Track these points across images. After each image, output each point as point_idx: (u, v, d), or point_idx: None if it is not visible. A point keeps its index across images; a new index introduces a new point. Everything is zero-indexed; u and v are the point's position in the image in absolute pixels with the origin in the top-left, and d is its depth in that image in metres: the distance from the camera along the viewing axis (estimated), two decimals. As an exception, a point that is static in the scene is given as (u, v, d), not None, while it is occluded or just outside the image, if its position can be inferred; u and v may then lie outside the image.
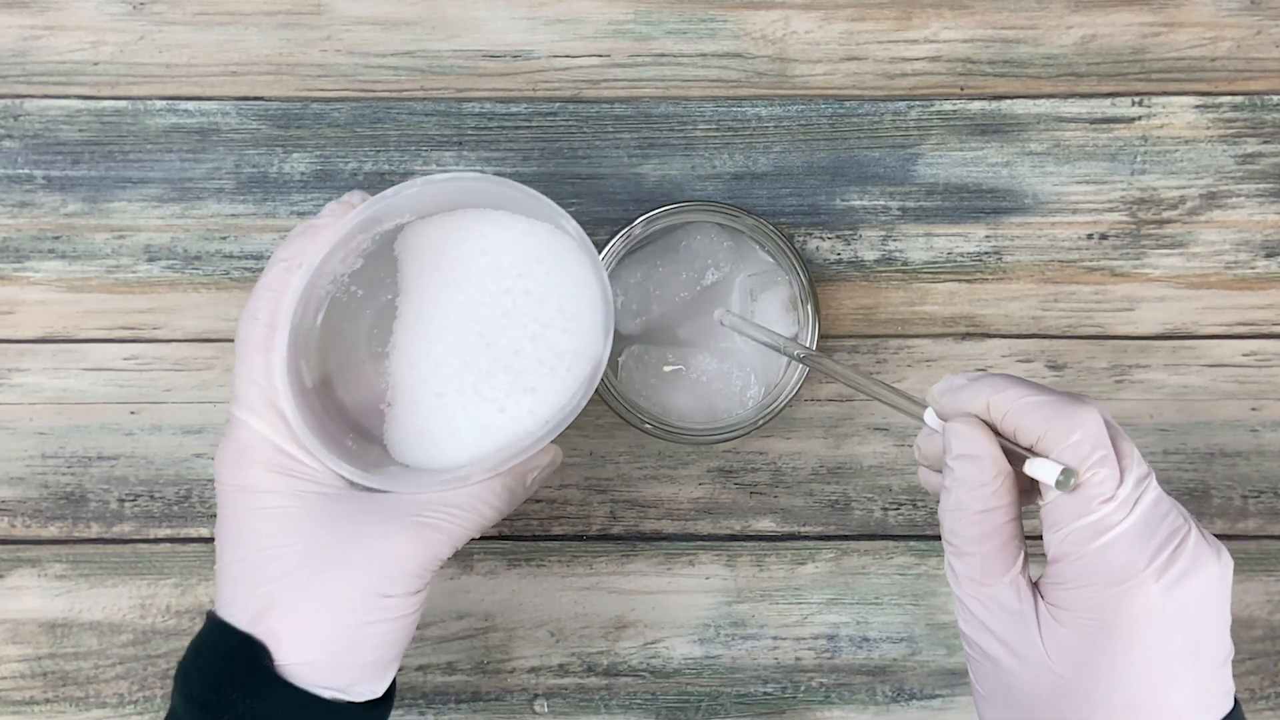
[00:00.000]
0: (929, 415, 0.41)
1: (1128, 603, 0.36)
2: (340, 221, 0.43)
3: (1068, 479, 0.36)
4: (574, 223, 0.44)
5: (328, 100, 0.53)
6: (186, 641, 0.43)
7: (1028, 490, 0.40)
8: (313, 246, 0.43)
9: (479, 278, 0.46)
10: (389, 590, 0.41)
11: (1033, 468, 0.37)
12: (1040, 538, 0.39)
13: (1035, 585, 0.39)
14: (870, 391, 0.44)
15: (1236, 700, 0.39)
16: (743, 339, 0.52)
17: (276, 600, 0.41)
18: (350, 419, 0.47)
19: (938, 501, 0.39)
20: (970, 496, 0.38)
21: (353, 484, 0.43)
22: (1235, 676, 0.54)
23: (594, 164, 0.53)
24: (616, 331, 0.52)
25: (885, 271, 0.54)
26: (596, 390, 0.50)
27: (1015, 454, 0.38)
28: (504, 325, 0.45)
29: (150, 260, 0.53)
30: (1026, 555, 0.39)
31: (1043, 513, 0.38)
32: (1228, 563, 0.38)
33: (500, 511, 0.44)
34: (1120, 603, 0.36)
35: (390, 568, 0.41)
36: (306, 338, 0.45)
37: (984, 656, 0.39)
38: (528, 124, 0.53)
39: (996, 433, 0.39)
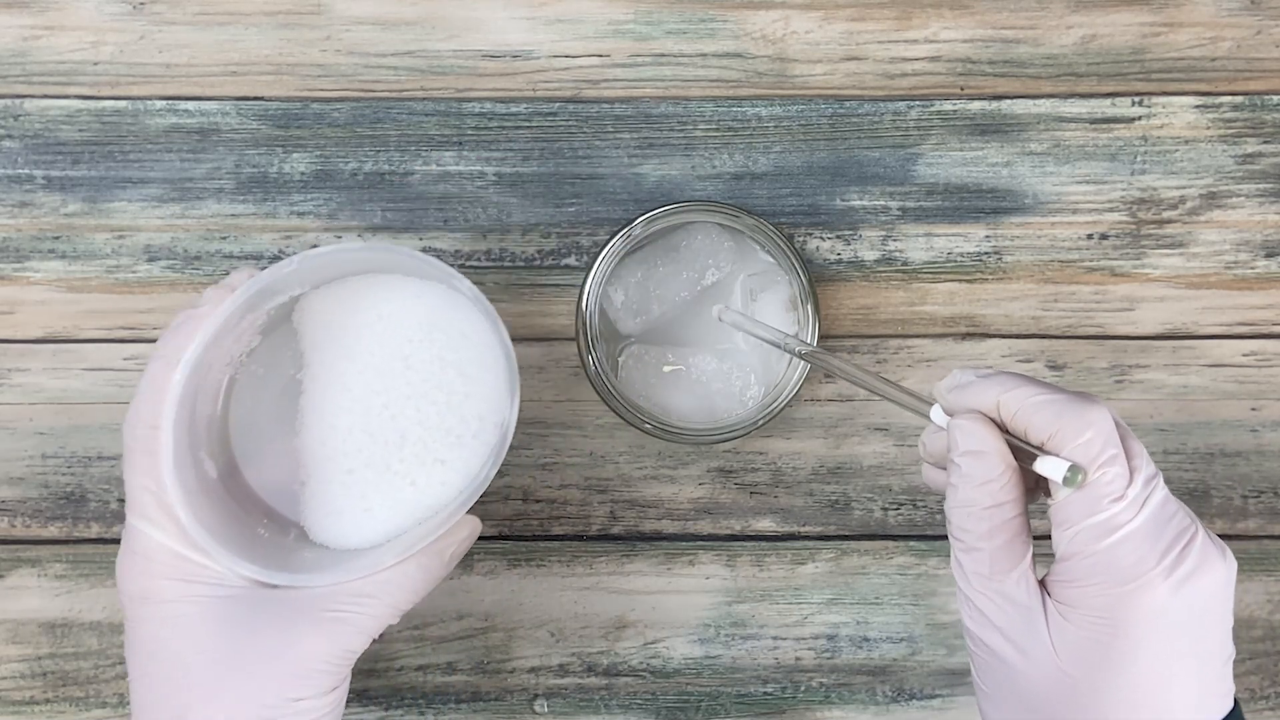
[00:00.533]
0: (935, 411, 0.41)
1: (1136, 601, 0.36)
2: (219, 309, 0.42)
3: (1075, 476, 0.36)
4: (467, 282, 0.43)
5: (328, 100, 0.53)
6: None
7: (1033, 489, 0.40)
8: (194, 339, 0.42)
9: (378, 347, 0.45)
10: (300, 693, 0.40)
11: (1043, 465, 0.37)
12: (1047, 537, 0.39)
13: (1041, 583, 0.39)
14: (872, 387, 0.43)
15: (1236, 701, 0.39)
16: (743, 337, 0.52)
17: (187, 712, 0.40)
18: (263, 504, 0.46)
19: (940, 500, 0.39)
20: (978, 492, 0.38)
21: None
22: (1235, 676, 0.54)
23: (594, 164, 0.53)
24: (616, 330, 0.52)
25: (885, 271, 0.54)
26: (596, 390, 0.50)
27: (1023, 451, 0.38)
28: (407, 395, 0.44)
29: (150, 260, 0.53)
30: (1033, 552, 0.39)
31: (1052, 511, 0.38)
32: (1233, 564, 0.38)
33: (417, 593, 0.43)
34: (1129, 601, 0.36)
35: (299, 668, 0.40)
36: (208, 428, 0.44)
37: (989, 653, 0.39)
38: (528, 124, 0.53)
39: (1004, 430, 0.39)
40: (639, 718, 0.54)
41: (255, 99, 0.53)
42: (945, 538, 0.54)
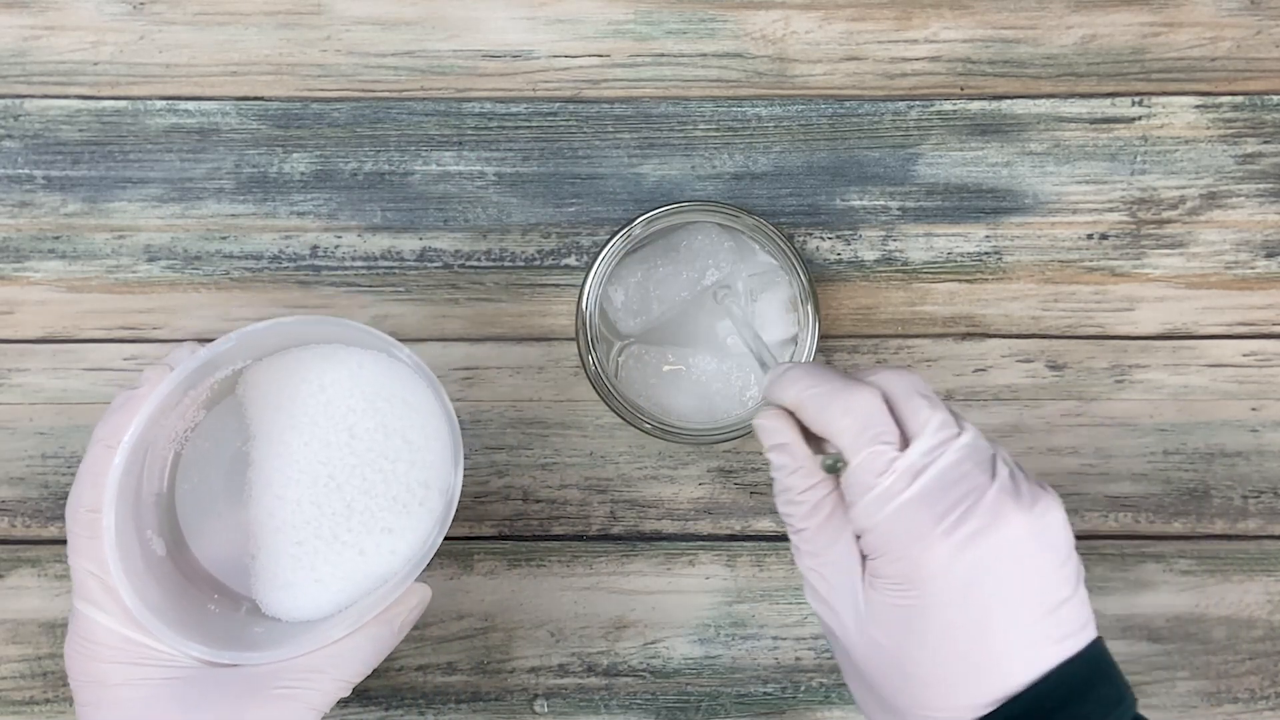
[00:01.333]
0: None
1: (922, 564, 0.37)
2: (157, 389, 0.42)
3: (835, 464, 0.39)
4: (406, 350, 0.43)
5: (328, 100, 0.53)
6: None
7: None
8: (132, 420, 0.41)
9: (321, 417, 0.45)
10: None
11: (820, 458, 0.40)
12: None
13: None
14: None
15: (1099, 639, 0.39)
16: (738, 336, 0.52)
17: None
18: (213, 579, 0.46)
19: None
20: (791, 480, 0.41)
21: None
22: (1234, 676, 0.54)
23: (594, 164, 0.53)
24: (616, 330, 0.52)
25: (885, 271, 0.54)
26: (596, 390, 0.50)
27: (814, 439, 0.41)
28: (352, 465, 0.44)
29: (150, 260, 0.53)
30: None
31: (844, 492, 0.40)
32: (1046, 509, 0.38)
33: (368, 664, 0.43)
34: (916, 564, 0.37)
35: None
36: (155, 505, 0.44)
37: (826, 629, 0.41)
38: (528, 124, 0.53)
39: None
40: (639, 718, 0.54)
41: (255, 99, 0.53)
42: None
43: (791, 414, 0.41)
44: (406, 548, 0.44)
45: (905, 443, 0.39)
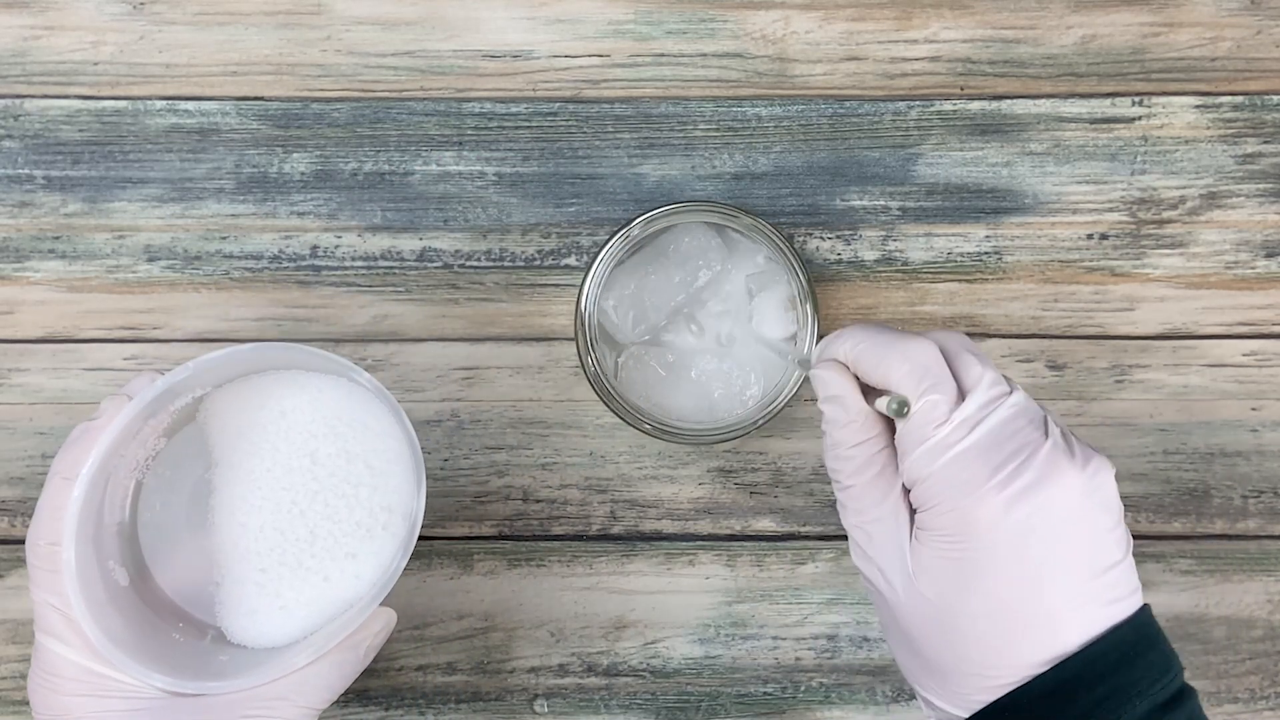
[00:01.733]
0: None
1: (974, 516, 0.37)
2: (115, 420, 0.41)
3: (899, 407, 0.39)
4: (366, 374, 0.43)
5: (328, 100, 0.53)
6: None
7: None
8: (90, 452, 0.41)
9: (283, 443, 0.45)
10: None
11: (879, 403, 0.40)
12: None
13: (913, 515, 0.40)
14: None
15: (1146, 606, 0.39)
16: (741, 339, 0.52)
17: None
18: (177, 608, 0.46)
19: None
20: (842, 433, 0.41)
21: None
22: (1235, 676, 0.54)
23: (594, 164, 0.53)
24: (617, 330, 0.52)
25: (885, 271, 0.54)
26: (596, 391, 0.50)
27: (872, 393, 0.41)
28: (315, 490, 0.44)
29: (150, 260, 0.53)
30: (905, 486, 0.40)
31: (896, 444, 0.40)
32: (1098, 469, 0.38)
33: (334, 690, 0.43)
34: (968, 517, 0.37)
35: None
36: (117, 535, 0.44)
37: (870, 586, 0.41)
38: (528, 124, 0.53)
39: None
40: (639, 718, 0.54)
41: (255, 99, 0.53)
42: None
43: (847, 369, 0.41)
44: (370, 572, 0.44)
45: (960, 397, 0.39)
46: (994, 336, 0.54)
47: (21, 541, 0.53)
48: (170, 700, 0.41)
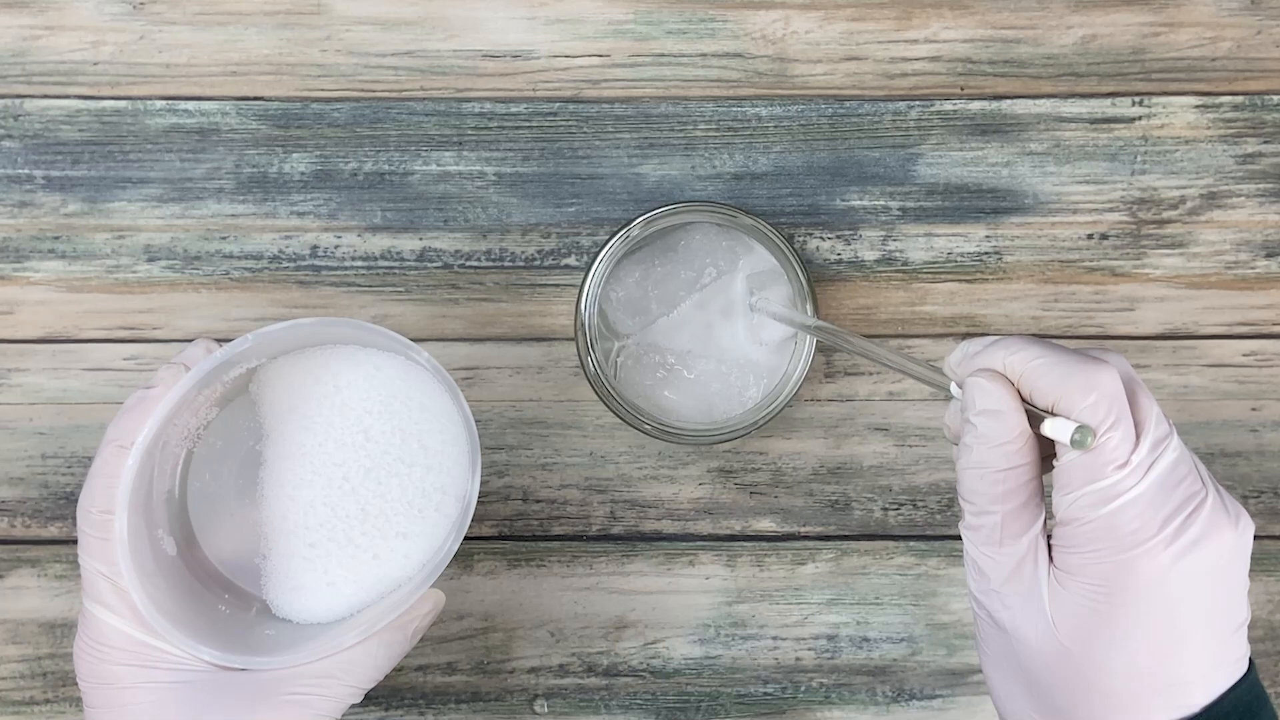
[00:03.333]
0: (956, 387, 0.40)
1: (1135, 570, 0.35)
2: (172, 390, 0.41)
3: (1084, 438, 0.35)
4: (424, 353, 0.42)
5: (328, 100, 0.53)
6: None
7: (1046, 457, 0.38)
8: (146, 421, 0.41)
9: (337, 418, 0.44)
10: None
11: (1050, 427, 0.36)
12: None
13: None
14: (893, 364, 0.42)
15: (1252, 662, 0.38)
16: (741, 337, 0.52)
17: None
18: (224, 579, 0.45)
19: (940, 500, 0.39)
20: (994, 454, 0.37)
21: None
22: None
23: (594, 164, 0.53)
24: (616, 331, 0.52)
25: (885, 271, 0.54)
26: (596, 391, 0.50)
27: (1032, 415, 0.37)
28: (367, 467, 0.44)
29: (150, 260, 0.53)
30: (1046, 517, 0.38)
31: (1055, 474, 0.37)
32: (1246, 527, 0.37)
33: (381, 670, 0.42)
34: (1127, 570, 0.35)
35: None
36: (166, 504, 0.44)
37: (991, 621, 0.38)
38: (528, 124, 0.53)
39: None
40: (639, 718, 0.54)
41: (255, 99, 0.53)
42: (946, 538, 0.54)
43: (1010, 383, 0.37)
44: (421, 553, 0.44)
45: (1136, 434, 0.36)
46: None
47: (22, 542, 0.53)
48: (216, 673, 0.41)
